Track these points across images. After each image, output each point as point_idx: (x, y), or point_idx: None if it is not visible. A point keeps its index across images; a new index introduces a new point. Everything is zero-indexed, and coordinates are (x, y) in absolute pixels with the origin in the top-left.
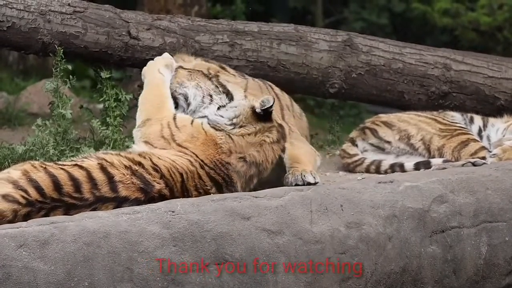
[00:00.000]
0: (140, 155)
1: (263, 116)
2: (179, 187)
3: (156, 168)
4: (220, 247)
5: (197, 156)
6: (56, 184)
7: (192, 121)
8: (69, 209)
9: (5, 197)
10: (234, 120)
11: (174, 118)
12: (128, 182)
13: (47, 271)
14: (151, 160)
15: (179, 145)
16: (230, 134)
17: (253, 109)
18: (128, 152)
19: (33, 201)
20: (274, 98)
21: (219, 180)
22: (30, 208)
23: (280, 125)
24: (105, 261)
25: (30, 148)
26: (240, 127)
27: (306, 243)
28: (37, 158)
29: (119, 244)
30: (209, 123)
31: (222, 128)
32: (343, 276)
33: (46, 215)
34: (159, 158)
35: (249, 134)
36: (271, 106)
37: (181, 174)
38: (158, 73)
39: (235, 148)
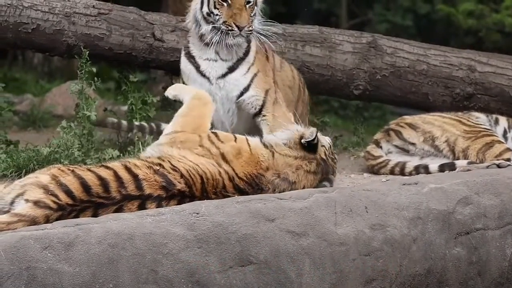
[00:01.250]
0: (159, 158)
1: (307, 147)
2: (198, 187)
3: (175, 168)
4: (244, 249)
5: (233, 170)
6: (85, 186)
7: (236, 138)
8: (98, 208)
9: (37, 203)
10: (285, 141)
11: (215, 133)
12: (151, 180)
13: (72, 273)
14: (170, 162)
15: (222, 154)
16: (274, 152)
17: (301, 137)
18: (147, 157)
19: (64, 205)
20: (316, 132)
21: (247, 189)
22: (61, 212)
23: (324, 160)
24: (129, 263)
25: (55, 150)
26: (288, 147)
27: (330, 245)
28: (62, 160)
29: (144, 246)
30: (260, 140)
31: (270, 145)
32: (368, 278)
33: (76, 216)
34: (178, 160)
35: (289, 156)
36: (313, 140)
37: (201, 177)
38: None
39: (273, 165)
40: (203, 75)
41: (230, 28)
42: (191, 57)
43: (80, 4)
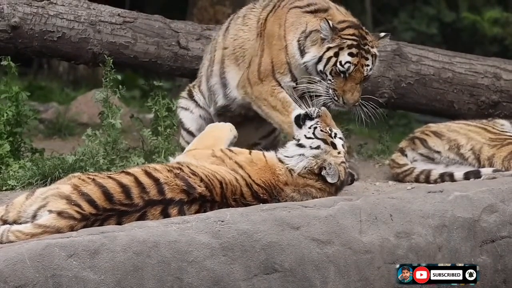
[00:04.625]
0: (178, 163)
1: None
2: (218, 192)
3: (194, 173)
4: (269, 257)
5: (249, 177)
6: (107, 194)
7: (250, 152)
8: (121, 216)
9: (61, 214)
10: (302, 168)
11: (229, 148)
12: (172, 184)
13: (97, 281)
14: (188, 167)
15: (236, 162)
16: (292, 171)
17: (320, 168)
18: (166, 162)
19: (87, 215)
20: (339, 175)
21: (266, 198)
22: (85, 222)
23: (342, 181)
24: (154, 271)
25: (80, 158)
26: (305, 173)
27: (355, 252)
28: (87, 168)
29: (169, 254)
30: (276, 153)
31: (286, 163)
32: (393, 286)
33: (100, 225)
34: (197, 166)
35: (311, 179)
36: (338, 180)
37: (220, 182)
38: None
39: (292, 182)
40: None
41: (336, 100)
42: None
43: (106, 13)
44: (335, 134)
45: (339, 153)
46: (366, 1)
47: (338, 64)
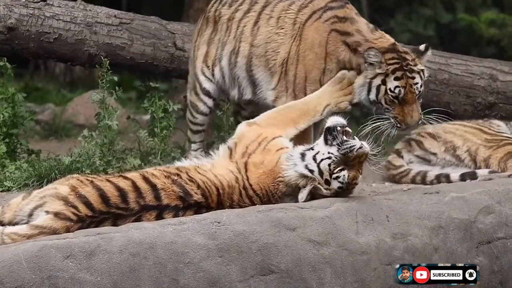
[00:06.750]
0: (177, 168)
1: None
2: (214, 199)
3: (192, 179)
4: (265, 258)
5: (248, 179)
6: (104, 197)
7: (280, 149)
8: (117, 219)
9: (58, 215)
10: (287, 177)
11: (273, 139)
12: (169, 190)
13: (93, 282)
14: (187, 173)
15: (245, 163)
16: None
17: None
18: (165, 166)
19: (83, 217)
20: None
21: (256, 203)
22: (81, 224)
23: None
24: (151, 272)
25: (76, 159)
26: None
27: (352, 254)
28: (84, 169)
29: (165, 255)
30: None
31: (283, 168)
32: (389, 287)
33: (95, 227)
34: (198, 172)
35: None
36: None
37: (217, 188)
38: (319, 107)
39: (291, 192)
40: None
41: (399, 125)
42: None
43: (102, 14)
44: (337, 177)
45: (326, 189)
46: (363, 2)
47: (389, 91)
